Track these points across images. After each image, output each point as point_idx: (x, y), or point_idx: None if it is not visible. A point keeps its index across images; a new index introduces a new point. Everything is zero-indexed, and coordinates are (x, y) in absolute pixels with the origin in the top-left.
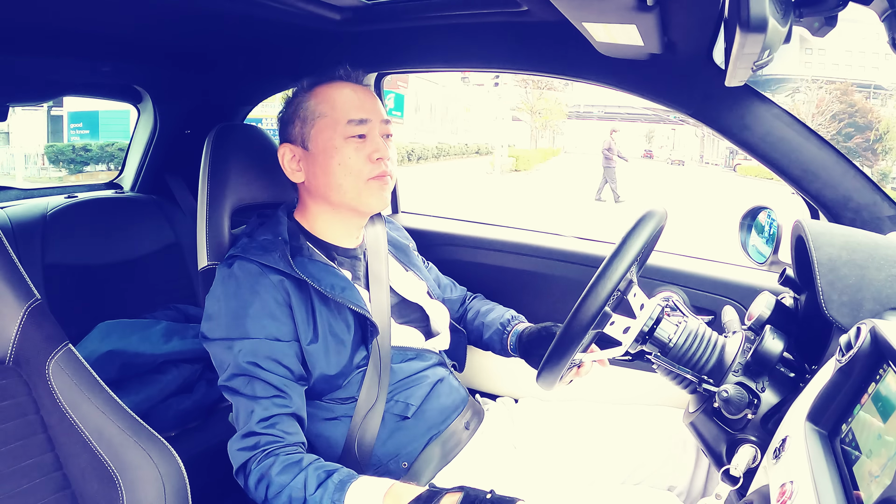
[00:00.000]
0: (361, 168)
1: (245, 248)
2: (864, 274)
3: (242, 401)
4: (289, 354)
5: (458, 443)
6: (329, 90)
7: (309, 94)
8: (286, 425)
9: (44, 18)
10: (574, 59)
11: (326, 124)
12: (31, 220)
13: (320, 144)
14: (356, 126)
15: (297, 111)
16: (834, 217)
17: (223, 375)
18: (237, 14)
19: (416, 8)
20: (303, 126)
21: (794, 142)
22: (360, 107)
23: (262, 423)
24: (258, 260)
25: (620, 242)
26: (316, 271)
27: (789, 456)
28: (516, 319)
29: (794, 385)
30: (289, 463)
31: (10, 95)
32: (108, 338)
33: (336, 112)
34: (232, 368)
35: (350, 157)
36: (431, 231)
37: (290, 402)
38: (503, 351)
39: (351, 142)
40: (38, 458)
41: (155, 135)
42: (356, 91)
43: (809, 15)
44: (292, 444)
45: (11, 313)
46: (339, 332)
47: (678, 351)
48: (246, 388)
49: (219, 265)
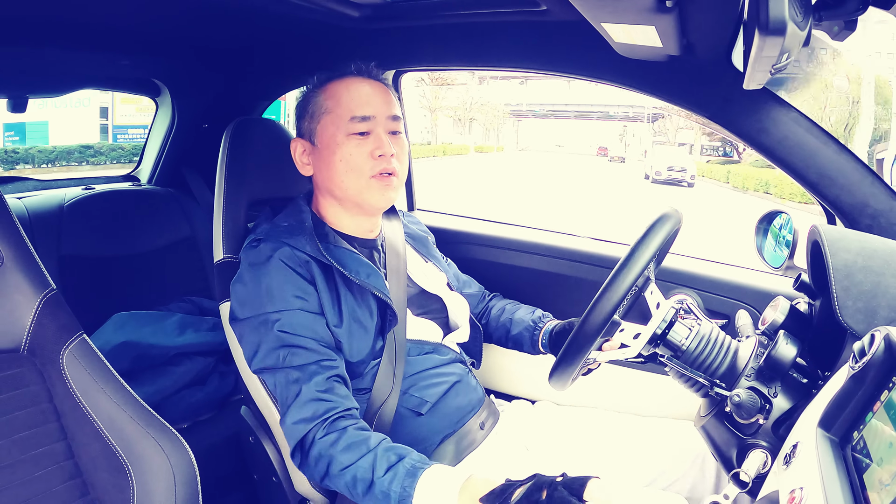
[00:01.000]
0: (363, 165)
1: (270, 232)
2: (880, 280)
3: (285, 374)
4: (322, 327)
5: (473, 442)
6: (338, 86)
7: (319, 90)
8: (338, 389)
9: (64, 11)
10: (592, 60)
11: (331, 120)
12: (49, 210)
13: (325, 140)
14: (359, 123)
15: (306, 106)
16: (851, 223)
17: (258, 357)
18: (257, 10)
19: (435, 6)
20: (311, 121)
21: (812, 146)
22: (365, 103)
23: (314, 391)
24: (287, 241)
25: (635, 244)
26: (341, 256)
27: (800, 462)
28: (547, 317)
29: (806, 391)
30: (355, 440)
31: (30, 87)
32: (123, 329)
33: (340, 108)
34: (269, 343)
35: (351, 153)
36: (448, 229)
37: (336, 364)
38: (533, 348)
39: (353, 138)
40: (49, 446)
41: (173, 128)
42: (365, 87)
43: (829, 18)
44: (349, 408)
45: (27, 302)
46: (363, 318)
47: (691, 354)
48: (288, 359)
49: (243, 251)
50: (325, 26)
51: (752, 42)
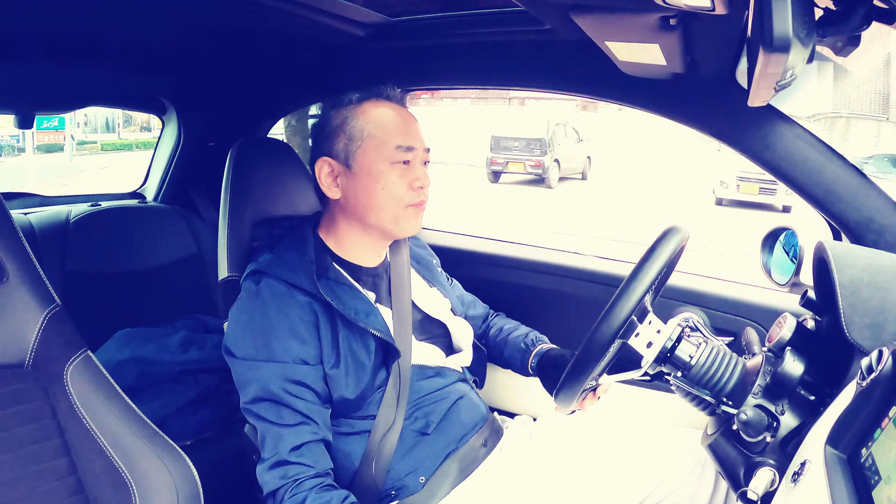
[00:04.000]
0: (403, 195)
1: (271, 265)
2: (887, 296)
3: (269, 427)
4: (316, 378)
5: (475, 459)
6: (377, 110)
7: (357, 110)
8: (316, 453)
9: (71, 28)
10: (597, 79)
11: (374, 146)
12: (54, 226)
13: (365, 166)
14: (404, 152)
15: (342, 126)
16: (856, 238)
17: (246, 397)
18: (262, 29)
19: (440, 26)
20: (349, 143)
21: (817, 162)
22: (408, 133)
23: (292, 451)
24: (286, 279)
25: (640, 261)
26: (341, 294)
27: (808, 480)
28: (539, 340)
29: (814, 408)
30: (321, 502)
31: (37, 104)
32: (127, 345)
33: (385, 135)
34: (256, 391)
35: (395, 182)
36: (453, 248)
37: (318, 429)
38: (523, 369)
39: (397, 167)
40: (52, 462)
41: (179, 146)
42: (403, 115)
43: (832, 34)
44: (322, 472)
45: (32, 318)
46: (360, 356)
47: (697, 372)
48: (273, 414)
49: (244, 281)
50: (331, 46)
51: (757, 59)
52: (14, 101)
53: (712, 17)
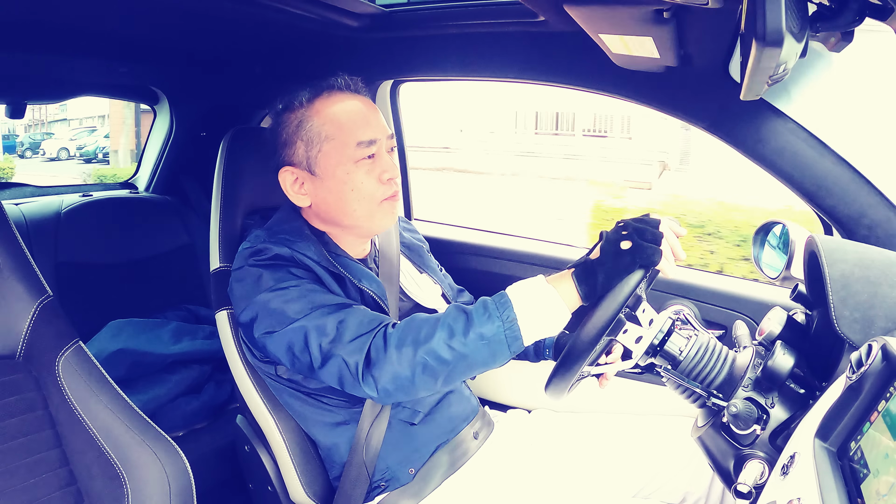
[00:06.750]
0: (374, 192)
1: (269, 237)
2: (877, 291)
3: (320, 314)
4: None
5: (466, 452)
6: (331, 107)
7: (310, 111)
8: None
9: (62, 18)
10: (590, 71)
11: (334, 148)
12: (46, 217)
13: (329, 169)
14: (366, 147)
15: (298, 131)
16: (848, 233)
17: (286, 314)
18: (255, 18)
19: (434, 17)
20: (308, 149)
21: (809, 157)
22: (368, 125)
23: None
24: (290, 245)
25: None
26: (347, 266)
27: (797, 472)
28: None
29: (803, 401)
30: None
31: (28, 94)
32: (119, 336)
33: (344, 134)
34: (293, 303)
35: (363, 181)
36: (443, 239)
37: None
38: (537, 355)
39: (362, 164)
40: (44, 453)
41: (171, 136)
42: (359, 105)
43: (826, 30)
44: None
45: (23, 309)
46: None
47: (688, 364)
48: (318, 300)
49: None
50: (324, 36)
51: (750, 53)
52: (5, 90)
53: (705, 11)
